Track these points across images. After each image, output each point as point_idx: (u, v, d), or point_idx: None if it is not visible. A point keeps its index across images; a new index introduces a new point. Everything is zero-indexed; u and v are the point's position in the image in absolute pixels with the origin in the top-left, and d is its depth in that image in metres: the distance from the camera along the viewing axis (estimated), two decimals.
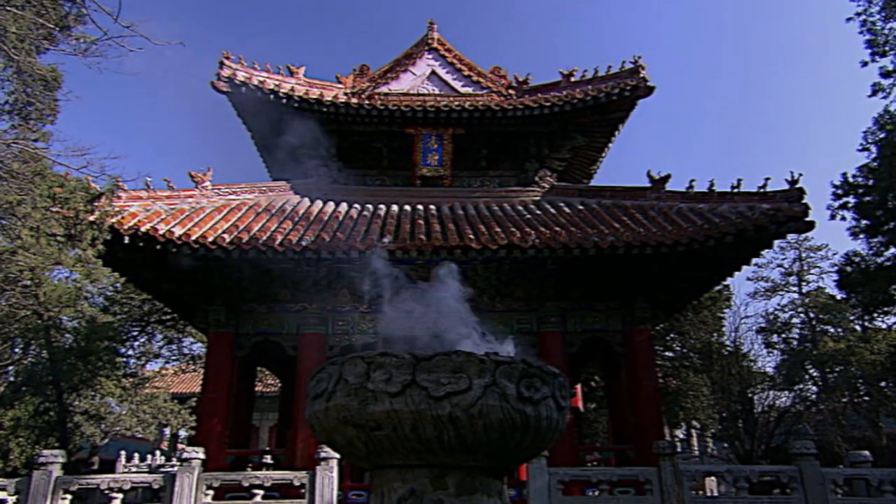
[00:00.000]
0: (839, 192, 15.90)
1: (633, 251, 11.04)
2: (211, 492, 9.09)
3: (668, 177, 13.27)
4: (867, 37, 15.50)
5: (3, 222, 8.84)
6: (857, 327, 21.59)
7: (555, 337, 12.51)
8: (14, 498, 8.75)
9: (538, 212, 13.25)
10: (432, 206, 13.52)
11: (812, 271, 26.68)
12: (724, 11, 78.72)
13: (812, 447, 9.30)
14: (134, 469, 23.30)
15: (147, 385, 20.30)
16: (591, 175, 17.22)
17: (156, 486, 8.98)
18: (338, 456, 8.91)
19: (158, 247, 10.61)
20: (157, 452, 26.52)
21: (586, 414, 22.03)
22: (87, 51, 8.70)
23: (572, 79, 15.04)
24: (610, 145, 15.83)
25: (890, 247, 15.41)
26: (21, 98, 8.73)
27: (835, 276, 18.32)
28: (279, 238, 11.02)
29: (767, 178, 11.97)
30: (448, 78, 16.18)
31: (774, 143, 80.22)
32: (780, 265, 26.82)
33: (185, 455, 9.14)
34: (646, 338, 12.77)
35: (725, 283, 18.03)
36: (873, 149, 15.49)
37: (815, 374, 20.87)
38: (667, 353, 21.27)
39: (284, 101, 13.68)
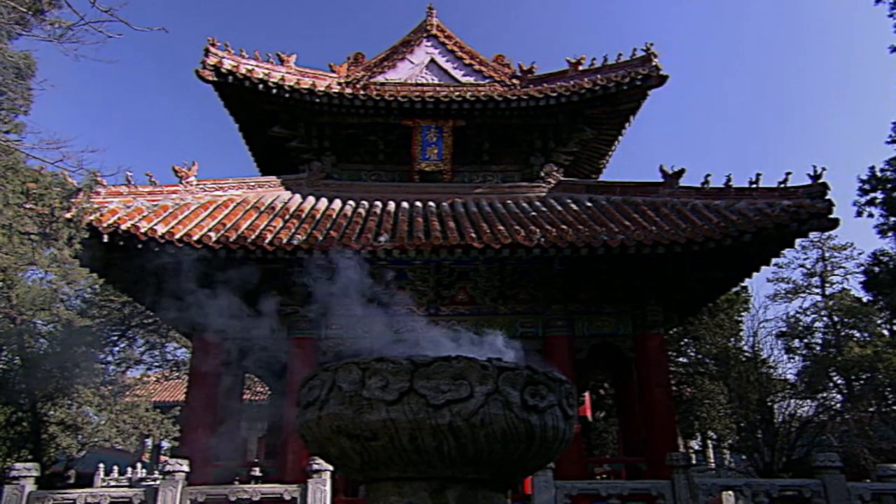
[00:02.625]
0: (866, 186, 15.88)
1: (644, 251, 11.06)
2: None
3: (681, 171, 13.29)
4: None
5: None
6: (885, 332, 21.58)
7: (561, 342, 12.53)
8: None
9: (544, 209, 13.27)
10: (431, 203, 13.54)
11: (836, 272, 26.65)
12: None
13: (837, 460, 9.30)
14: (113, 483, 23.29)
15: (127, 393, 20.29)
16: (599, 170, 17.24)
17: (137, 501, 8.99)
18: (331, 468, 8.93)
19: (140, 246, 10.63)
20: (139, 465, 26.51)
21: (595, 424, 22.03)
22: (62, 36, 8.72)
23: (580, 67, 15.05)
24: (620, 138, 15.85)
25: None
26: None
27: (861, 277, 18.30)
28: (269, 237, 11.04)
29: (788, 173, 12.02)
30: (448, 67, 16.19)
31: (796, 136, 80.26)
32: (801, 265, 26.79)
33: (168, 468, 9.15)
34: (658, 343, 12.78)
35: (743, 284, 18.02)
36: None
37: (839, 381, 20.84)
38: (680, 360, 21.26)
39: (274, 90, 13.69)
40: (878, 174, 15.71)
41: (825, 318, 23.73)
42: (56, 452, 17.34)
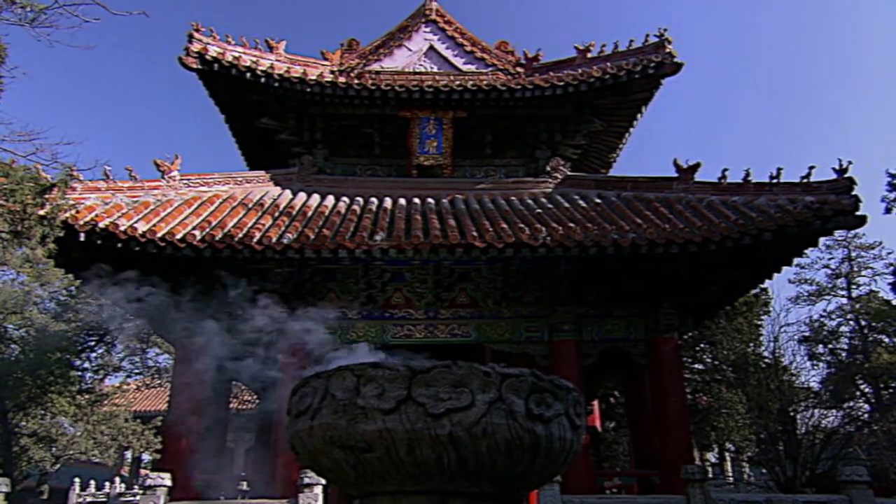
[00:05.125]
0: (895, 181, 15.92)
1: (657, 250, 11.08)
2: None
3: (697, 166, 13.31)
4: None
5: None
6: None
7: (569, 347, 12.56)
8: None
9: (550, 205, 13.30)
10: (430, 199, 13.56)
11: (863, 273, 26.60)
12: None
13: (864, 474, 9.32)
14: (89, 498, 23.30)
15: (105, 402, 20.29)
16: (609, 164, 17.27)
17: None
18: (323, 482, 8.96)
19: (119, 245, 10.64)
20: (117, 479, 26.51)
21: (605, 434, 22.05)
22: (34, 21, 8.73)
23: (589, 55, 15.08)
24: (631, 130, 15.89)
25: None
26: None
27: (890, 279, 18.36)
28: (257, 235, 11.06)
29: (812, 167, 12.03)
30: (448, 54, 16.22)
31: (820, 128, 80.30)
32: (826, 266, 26.75)
33: (148, 482, 9.17)
34: (672, 348, 12.81)
35: (763, 286, 18.03)
36: None
37: (867, 389, 20.86)
38: (696, 366, 21.25)
39: (263, 79, 13.72)
40: None
41: (851, 322, 23.70)
42: (28, 466, 17.35)
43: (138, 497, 9.35)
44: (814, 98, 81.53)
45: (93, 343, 20.76)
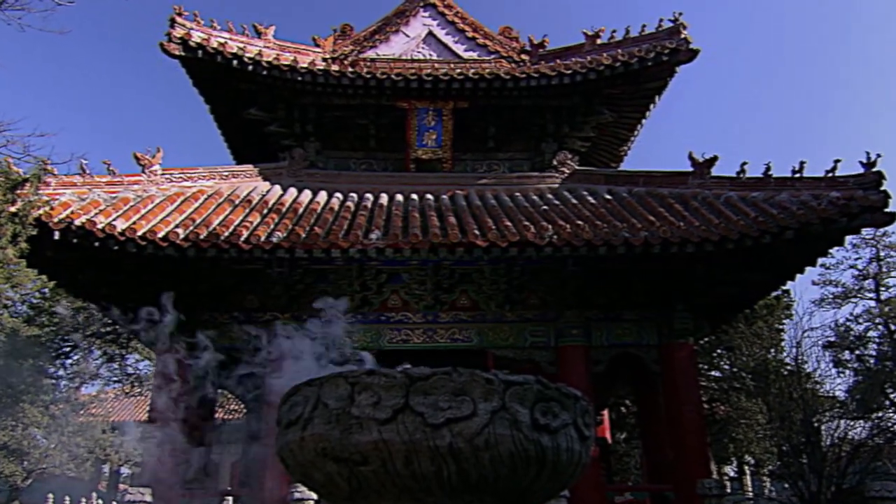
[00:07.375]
0: None
1: (671, 249, 11.09)
2: None
3: (714, 159, 13.32)
4: None
5: None
6: None
7: (577, 352, 12.59)
8: None
9: (557, 202, 13.31)
10: (429, 196, 13.58)
11: (893, 273, 26.63)
12: None
13: (895, 490, 9.32)
14: None
15: (82, 412, 20.35)
16: (620, 158, 17.29)
17: None
18: (315, 497, 8.97)
19: (96, 244, 10.65)
20: (94, 495, 26.55)
21: (615, 446, 22.06)
22: (3, 3, 8.73)
23: (598, 41, 15.10)
24: (644, 122, 15.91)
25: None
26: None
27: None
28: (244, 234, 11.07)
29: (837, 161, 12.01)
30: (448, 40, 16.24)
31: (847, 118, 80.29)
32: (852, 266, 26.74)
33: (128, 497, 9.19)
34: (687, 354, 12.83)
35: (785, 287, 18.06)
36: None
37: None
38: (713, 373, 21.27)
39: (250, 67, 13.73)
40: None
41: (880, 327, 23.69)
42: None
43: None
44: (839, 88, 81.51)
45: (68, 349, 20.78)
